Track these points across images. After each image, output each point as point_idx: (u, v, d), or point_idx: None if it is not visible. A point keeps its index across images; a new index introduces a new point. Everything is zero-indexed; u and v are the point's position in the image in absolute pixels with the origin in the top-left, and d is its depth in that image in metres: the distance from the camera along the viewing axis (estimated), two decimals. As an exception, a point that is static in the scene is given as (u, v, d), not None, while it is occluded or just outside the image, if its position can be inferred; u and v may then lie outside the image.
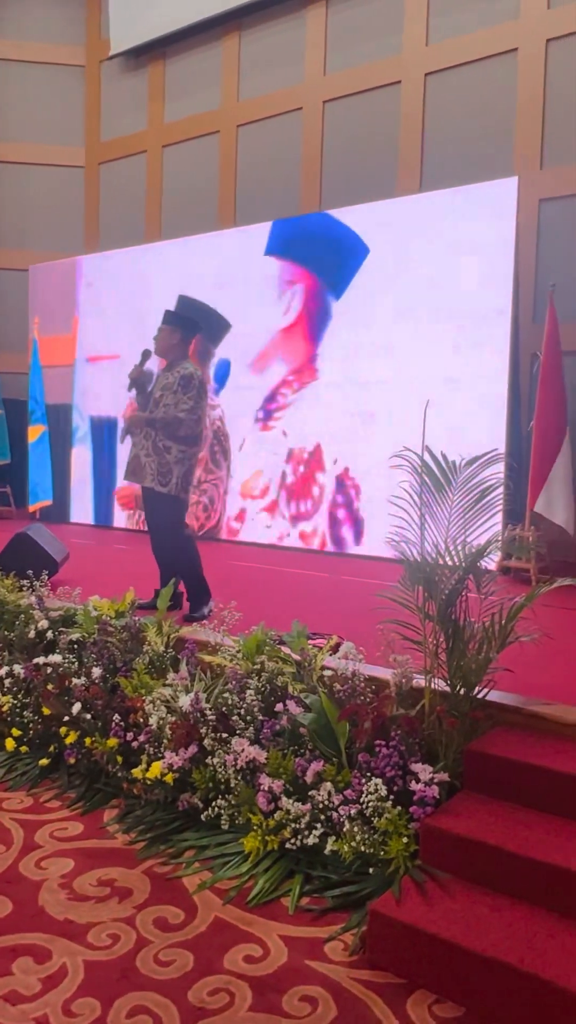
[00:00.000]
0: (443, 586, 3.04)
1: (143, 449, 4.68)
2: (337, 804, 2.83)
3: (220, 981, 2.31)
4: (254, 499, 8.10)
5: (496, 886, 2.51)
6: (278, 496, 7.93)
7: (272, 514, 7.98)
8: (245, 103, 9.20)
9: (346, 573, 6.38)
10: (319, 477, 7.67)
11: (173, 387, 4.64)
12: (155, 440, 4.63)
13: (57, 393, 9.82)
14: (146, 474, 4.66)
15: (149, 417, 4.65)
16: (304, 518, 7.74)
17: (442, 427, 6.57)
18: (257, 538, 8.04)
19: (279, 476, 7.93)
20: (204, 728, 3.22)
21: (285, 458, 7.90)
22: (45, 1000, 2.22)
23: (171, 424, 4.60)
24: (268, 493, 7.99)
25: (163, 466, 4.61)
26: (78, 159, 10.82)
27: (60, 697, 3.70)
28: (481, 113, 7.49)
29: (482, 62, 7.49)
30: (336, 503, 7.56)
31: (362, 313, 7.43)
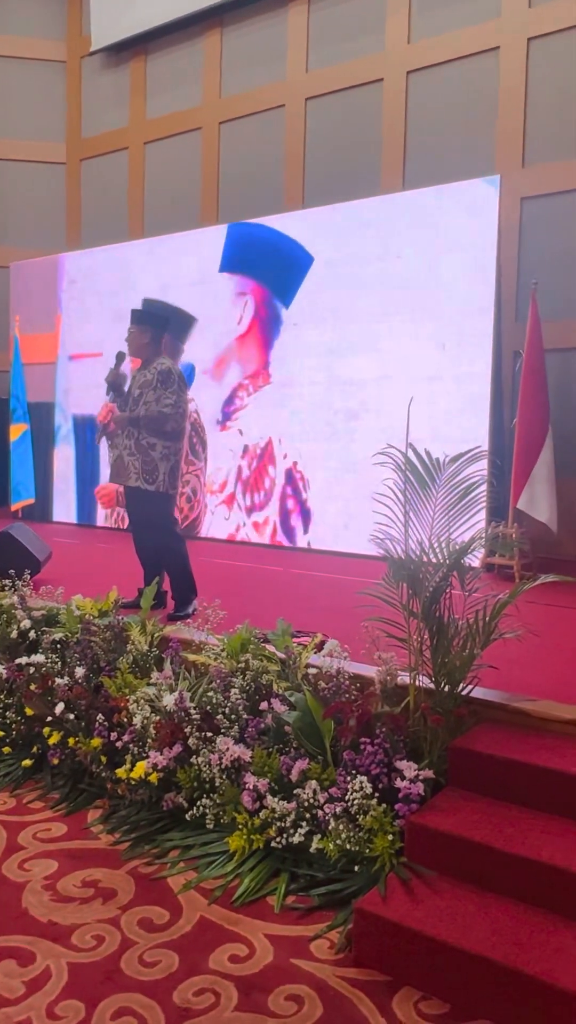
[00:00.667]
0: (427, 583, 3.04)
1: (126, 449, 4.64)
2: (322, 802, 2.83)
3: (206, 981, 2.30)
4: (213, 494, 8.32)
5: (482, 883, 2.51)
6: (235, 489, 8.18)
7: (229, 507, 8.22)
8: (227, 100, 9.17)
9: (329, 570, 6.37)
10: (270, 470, 7.95)
11: (152, 383, 4.61)
12: (138, 439, 4.60)
13: (39, 391, 9.75)
14: (130, 473, 4.63)
15: (132, 416, 4.62)
16: (258, 508, 7.99)
17: (425, 424, 6.60)
18: (218, 532, 8.25)
19: (235, 471, 8.17)
20: (189, 727, 3.21)
21: (241, 453, 8.13)
22: (29, 1003, 2.20)
23: (155, 420, 4.57)
24: (226, 487, 8.24)
25: (148, 464, 4.58)
26: (59, 155, 10.74)
27: (43, 697, 3.67)
28: (463, 111, 7.50)
29: (464, 60, 7.50)
30: (286, 493, 7.82)
31: (345, 311, 7.42)
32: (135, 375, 4.77)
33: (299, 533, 7.71)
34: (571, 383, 6.84)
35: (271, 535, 7.86)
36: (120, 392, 4.79)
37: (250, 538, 7.99)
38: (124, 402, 4.74)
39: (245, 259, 8.15)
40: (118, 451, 4.70)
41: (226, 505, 8.25)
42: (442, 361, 6.83)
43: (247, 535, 8.02)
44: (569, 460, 6.58)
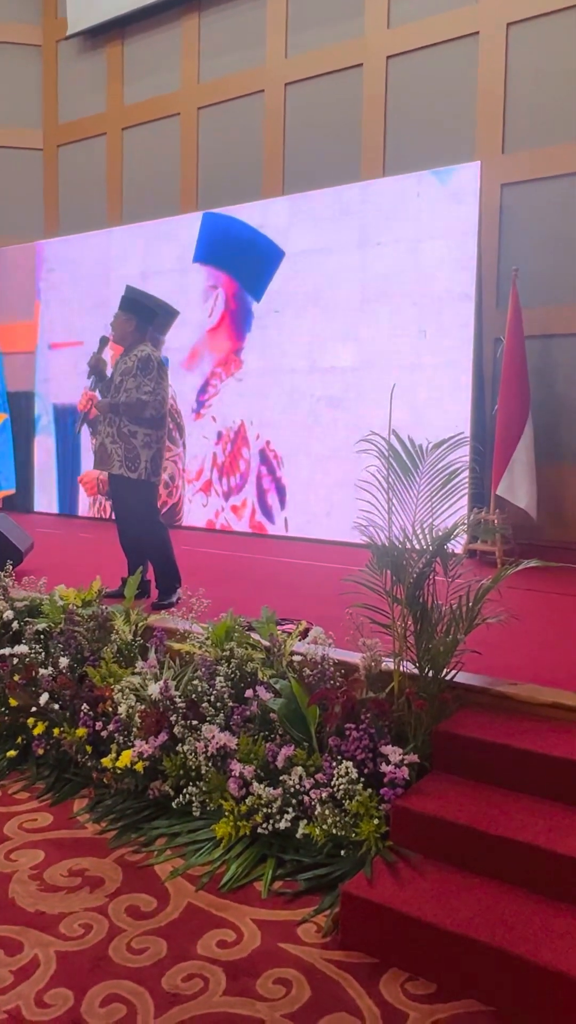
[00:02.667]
0: (411, 569, 3.06)
1: (108, 436, 4.62)
2: (308, 788, 2.84)
3: (194, 967, 2.31)
4: (191, 483, 8.37)
5: (466, 864, 2.54)
6: (211, 476, 8.23)
7: (207, 494, 8.26)
8: (206, 85, 9.09)
9: (313, 558, 6.39)
10: (244, 452, 8.02)
11: (132, 371, 4.58)
12: (119, 426, 4.58)
13: (19, 380, 9.66)
14: (113, 461, 4.60)
15: (113, 402, 4.59)
16: (235, 492, 8.04)
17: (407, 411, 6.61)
18: (197, 520, 8.28)
19: (211, 457, 8.22)
20: (174, 716, 3.21)
21: (215, 440, 8.17)
22: (18, 992, 2.20)
23: (135, 407, 4.55)
24: (202, 475, 8.28)
25: (130, 451, 4.56)
26: (36, 142, 10.61)
27: (27, 688, 3.66)
28: (443, 97, 7.48)
29: (443, 45, 7.47)
30: (261, 473, 7.87)
31: (324, 298, 7.41)
32: (117, 362, 4.74)
33: (276, 511, 7.76)
34: (551, 369, 6.87)
35: (250, 516, 7.90)
36: (101, 377, 4.75)
37: (230, 523, 8.01)
38: (106, 388, 4.71)
39: (218, 251, 8.17)
40: (100, 438, 4.68)
41: (203, 492, 8.29)
42: (423, 348, 6.84)
43: (226, 520, 8.05)
44: (549, 447, 6.62)
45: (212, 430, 8.19)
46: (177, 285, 8.33)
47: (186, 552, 5.70)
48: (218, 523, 8.11)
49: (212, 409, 8.20)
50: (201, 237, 8.28)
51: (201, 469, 8.29)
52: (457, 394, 6.64)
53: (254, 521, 7.88)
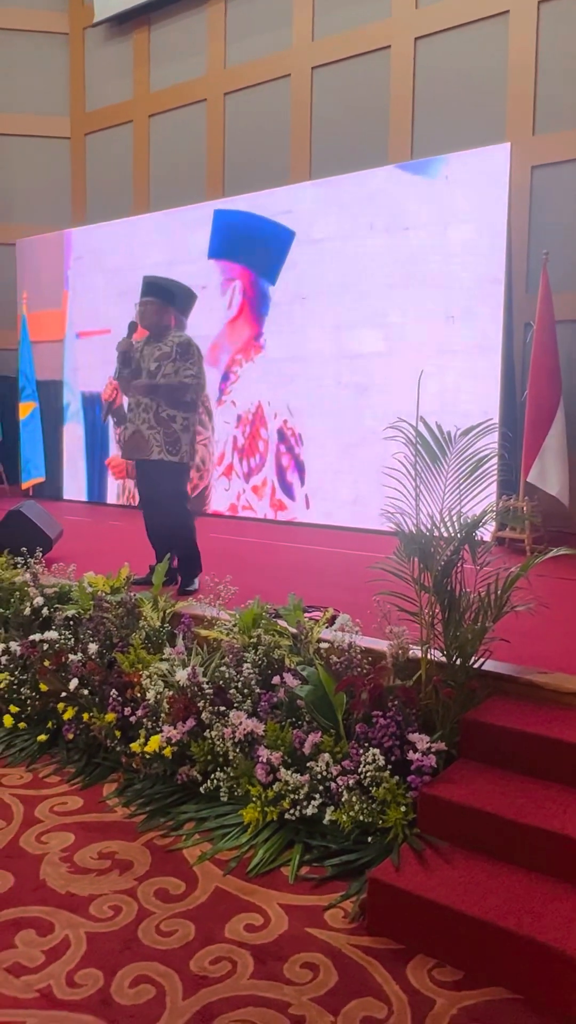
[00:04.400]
0: (439, 557, 3.04)
1: (144, 423, 4.56)
2: (335, 775, 2.85)
3: (222, 950, 2.33)
4: (214, 467, 8.43)
5: (494, 853, 2.53)
6: (232, 459, 8.27)
7: (228, 477, 8.31)
8: (232, 70, 9.04)
9: (339, 546, 6.38)
10: (263, 432, 8.04)
11: (171, 356, 4.57)
12: (157, 411, 4.54)
13: (47, 369, 9.74)
14: (152, 447, 4.55)
15: (153, 384, 4.54)
16: (255, 472, 8.07)
17: (436, 398, 6.56)
18: (219, 505, 8.33)
19: (231, 441, 8.27)
20: (202, 701, 3.23)
21: (235, 423, 8.21)
22: (49, 971, 2.24)
23: (177, 390, 4.55)
24: (224, 459, 8.34)
25: (170, 436, 4.56)
26: (63, 130, 10.63)
27: (57, 673, 3.70)
28: (472, 78, 7.37)
29: (473, 25, 7.35)
30: (280, 452, 7.89)
31: (351, 284, 7.36)
32: (145, 347, 4.68)
33: (296, 488, 7.79)
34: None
35: (270, 495, 7.94)
36: (129, 363, 4.68)
37: (251, 503, 8.05)
38: (133, 373, 4.66)
39: (230, 245, 8.21)
40: (134, 425, 4.61)
41: (225, 476, 8.34)
42: (452, 334, 6.78)
43: (248, 501, 8.11)
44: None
45: (232, 414, 8.24)
46: (204, 271, 8.31)
47: (213, 540, 5.72)
48: (240, 505, 8.15)
49: (232, 395, 8.25)
50: (214, 233, 8.30)
51: (223, 453, 8.34)
52: (486, 380, 6.58)
53: (274, 499, 7.92)
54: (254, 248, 8.02)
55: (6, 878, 2.69)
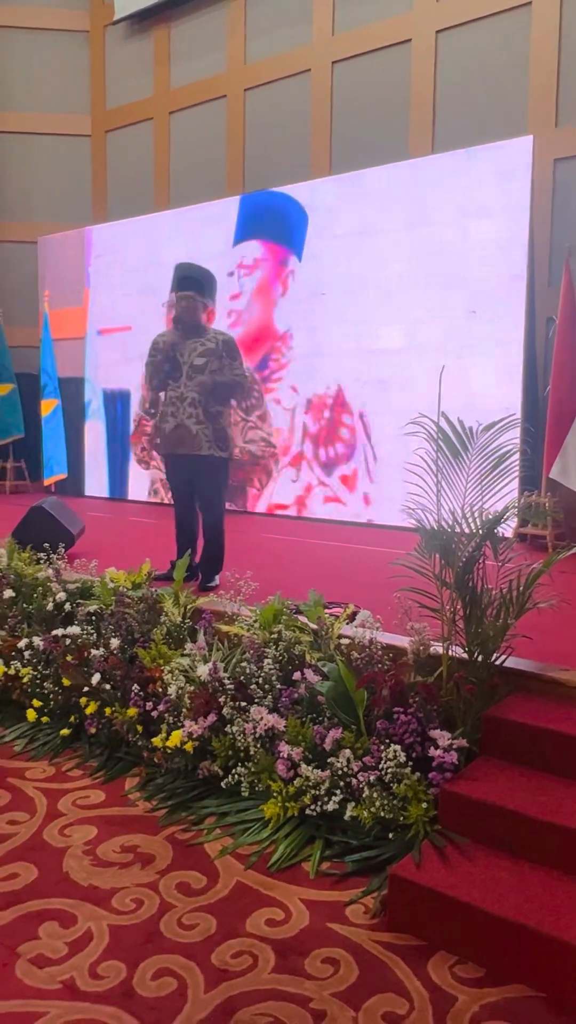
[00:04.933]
0: (460, 553, 3.03)
1: (191, 418, 4.52)
2: (356, 771, 2.85)
3: (243, 944, 2.34)
4: (275, 458, 8.18)
5: (515, 850, 2.52)
6: (302, 447, 7.97)
7: (296, 467, 8.02)
8: (252, 66, 9.03)
9: (359, 542, 6.37)
10: (346, 420, 7.68)
11: (218, 352, 4.56)
12: (206, 407, 4.54)
13: (69, 366, 9.79)
14: (201, 442, 4.53)
15: (202, 380, 4.51)
16: (342, 461, 7.69)
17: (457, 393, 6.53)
18: (285, 498, 8.09)
19: (300, 428, 7.97)
20: (223, 697, 3.24)
21: (305, 409, 7.93)
22: (72, 963, 2.26)
23: (229, 388, 4.61)
24: (291, 448, 8.07)
25: (219, 431, 4.58)
26: (84, 127, 10.68)
27: (79, 668, 3.73)
28: (494, 70, 7.31)
29: (494, 17, 7.29)
30: (360, 440, 7.60)
31: (373, 279, 7.33)
32: (186, 343, 4.57)
33: (365, 482, 7.55)
34: (606, 349, 6.70)
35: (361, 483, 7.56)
36: (171, 358, 4.59)
37: (341, 496, 7.67)
38: (176, 369, 4.58)
39: (258, 224, 8.14)
40: (178, 419, 4.54)
41: (292, 467, 8.05)
42: (473, 329, 6.74)
43: (334, 492, 7.73)
44: (603, 428, 6.47)
45: (292, 400, 7.95)
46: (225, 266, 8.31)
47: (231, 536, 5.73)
48: (312, 498, 7.84)
49: (288, 379, 8.02)
50: (240, 218, 8.26)
51: (288, 444, 8.04)
52: (508, 375, 6.54)
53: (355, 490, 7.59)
54: (278, 223, 7.93)
55: (30, 870, 2.71)
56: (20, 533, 5.31)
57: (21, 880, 2.66)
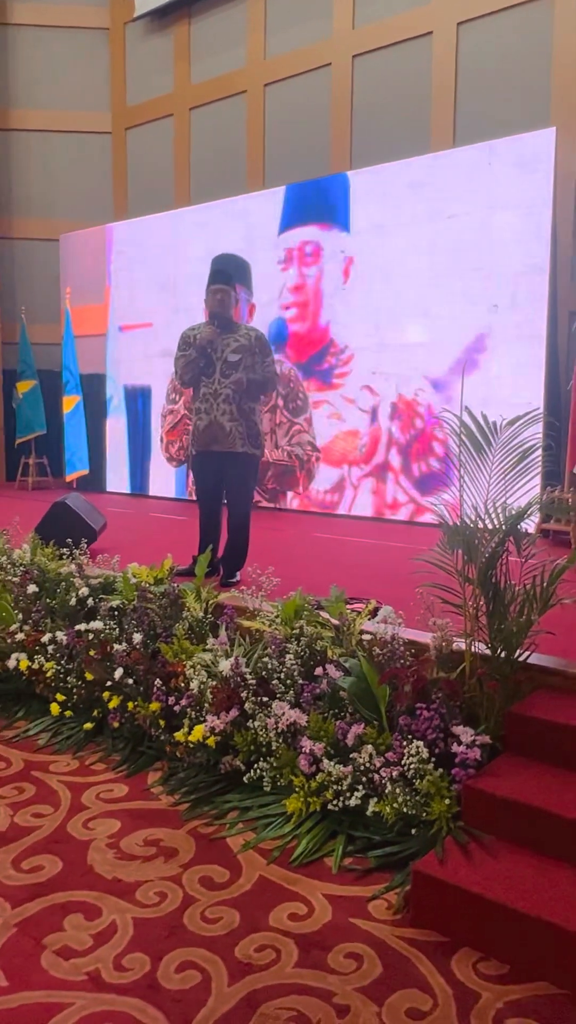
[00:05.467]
0: (483, 549, 3.01)
1: (225, 415, 4.49)
2: (378, 766, 2.84)
3: (266, 938, 2.35)
4: (356, 464, 7.70)
5: (540, 847, 2.51)
6: (387, 457, 7.46)
7: (380, 478, 7.50)
8: (272, 61, 9.01)
9: (378, 538, 6.35)
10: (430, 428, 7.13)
11: (251, 348, 4.55)
12: (240, 403, 4.52)
13: (91, 363, 9.85)
14: (235, 439, 4.52)
15: (238, 376, 4.49)
16: (438, 477, 6.88)
17: (480, 388, 6.49)
18: (362, 510, 7.59)
19: (384, 434, 7.47)
20: (245, 692, 3.25)
21: (390, 414, 7.44)
22: (97, 955, 2.28)
23: (263, 385, 4.62)
24: (375, 456, 7.52)
25: (252, 428, 4.57)
26: (104, 125, 10.72)
27: (102, 663, 3.75)
28: (516, 62, 7.25)
29: (515, 9, 7.23)
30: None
31: (396, 273, 7.30)
32: (219, 338, 4.52)
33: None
34: (630, 343, 6.64)
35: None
36: (205, 353, 4.54)
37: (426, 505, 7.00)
38: (209, 365, 4.53)
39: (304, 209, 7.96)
40: (211, 416, 4.50)
41: (374, 477, 7.52)
42: (496, 323, 6.69)
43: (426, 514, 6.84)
44: (628, 422, 6.40)
45: (369, 401, 7.54)
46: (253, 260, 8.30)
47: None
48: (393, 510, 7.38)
49: (356, 377, 7.64)
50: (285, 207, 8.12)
51: (374, 450, 7.49)
52: (531, 369, 6.49)
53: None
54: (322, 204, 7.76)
55: (55, 863, 2.74)
56: (43, 529, 5.35)
57: (46, 872, 2.68)
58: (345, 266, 7.67)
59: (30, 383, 10.15)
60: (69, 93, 10.69)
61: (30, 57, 10.65)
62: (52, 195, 10.84)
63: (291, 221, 8.05)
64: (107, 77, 10.65)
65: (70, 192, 10.81)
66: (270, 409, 8.15)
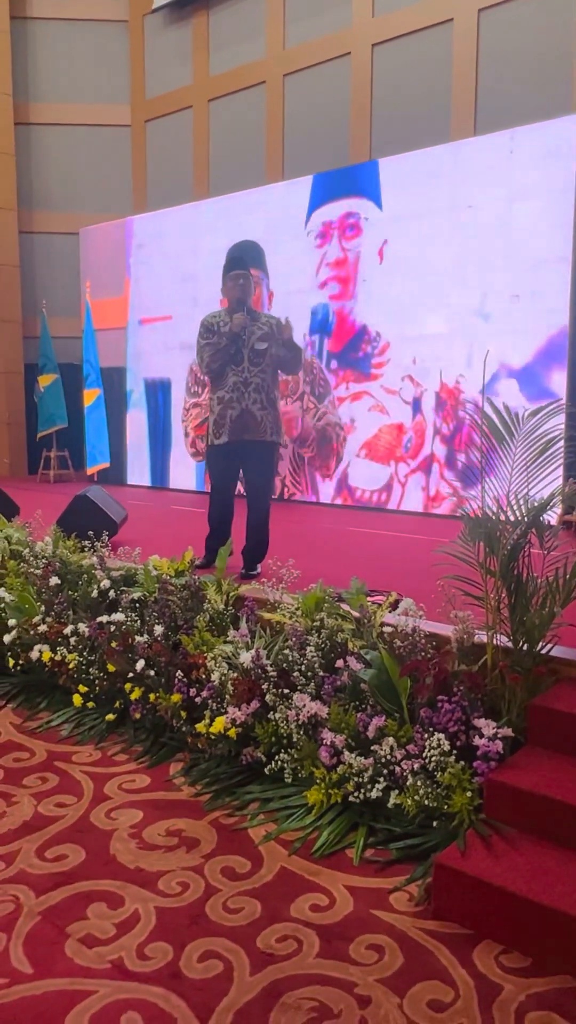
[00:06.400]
0: (505, 541, 2.99)
1: (256, 403, 4.47)
2: (399, 759, 2.84)
3: (288, 928, 2.36)
4: (401, 461, 7.42)
5: (562, 840, 2.49)
6: (432, 451, 7.13)
7: (425, 472, 7.22)
8: (291, 51, 8.97)
9: (397, 529, 6.33)
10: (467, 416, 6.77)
11: (274, 336, 4.55)
12: (268, 392, 4.53)
13: (111, 356, 9.88)
14: (266, 428, 4.51)
15: (265, 365, 4.50)
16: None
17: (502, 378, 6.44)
18: (412, 506, 7.32)
19: (430, 428, 7.17)
20: (266, 684, 3.26)
21: (434, 406, 7.17)
22: (120, 944, 2.30)
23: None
24: (422, 451, 7.24)
25: (278, 417, 4.60)
26: (124, 118, 10.73)
27: (124, 654, 3.77)
28: (537, 48, 7.16)
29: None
30: None
31: (415, 262, 7.25)
32: (247, 326, 4.48)
33: None
34: None
35: None
36: (238, 344, 4.49)
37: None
38: (237, 353, 4.49)
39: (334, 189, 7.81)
40: (242, 405, 4.46)
41: (423, 472, 7.25)
42: (517, 313, 6.63)
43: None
44: None
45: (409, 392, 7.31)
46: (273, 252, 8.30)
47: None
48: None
49: (397, 367, 7.41)
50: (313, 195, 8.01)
51: (420, 443, 7.21)
52: (555, 359, 6.42)
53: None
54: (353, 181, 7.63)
55: (78, 852, 2.76)
56: (65, 521, 5.39)
57: (70, 861, 2.71)
58: (380, 247, 7.54)
59: (51, 377, 10.21)
60: (88, 86, 10.71)
61: (49, 51, 10.68)
62: (72, 189, 10.88)
63: (321, 204, 7.92)
64: (126, 70, 10.65)
65: (90, 185, 10.84)
66: (298, 397, 8.10)
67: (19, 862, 2.71)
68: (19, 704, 4.10)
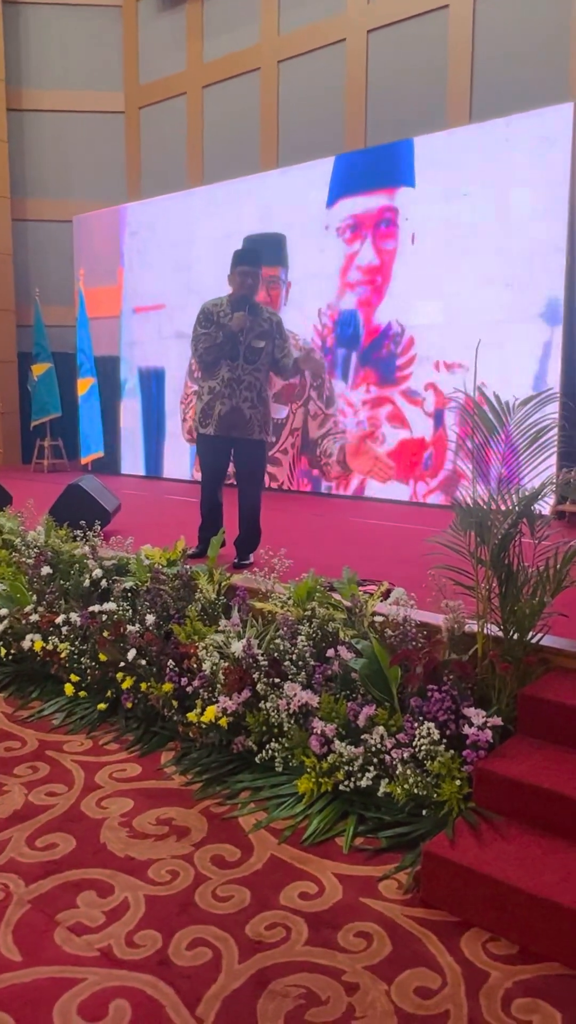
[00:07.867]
0: (496, 531, 2.99)
1: (246, 401, 4.48)
2: (390, 747, 2.85)
3: (277, 916, 2.37)
4: (419, 480, 7.12)
5: (550, 829, 2.51)
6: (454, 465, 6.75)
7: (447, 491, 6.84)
8: (286, 37, 8.89)
9: (391, 519, 6.33)
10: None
11: (272, 335, 4.54)
12: (260, 391, 4.53)
13: (104, 345, 9.83)
14: (254, 427, 4.53)
15: (261, 363, 4.49)
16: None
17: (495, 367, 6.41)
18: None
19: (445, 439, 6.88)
20: (257, 673, 3.26)
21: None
22: (109, 931, 2.31)
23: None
24: (441, 467, 6.93)
25: (267, 416, 4.59)
26: (117, 104, 10.64)
27: (116, 644, 3.77)
28: (533, 35, 7.11)
29: (535, -21, 7.08)
30: None
31: (408, 251, 7.22)
32: (241, 327, 4.42)
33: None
34: None
35: None
36: (234, 340, 4.46)
37: None
38: (233, 349, 4.45)
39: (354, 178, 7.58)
40: (233, 402, 4.47)
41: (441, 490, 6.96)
42: (511, 302, 6.61)
43: None
44: None
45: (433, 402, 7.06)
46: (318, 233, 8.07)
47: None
48: None
49: (425, 370, 7.18)
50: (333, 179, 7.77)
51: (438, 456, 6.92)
52: (548, 349, 6.41)
53: None
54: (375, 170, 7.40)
55: (68, 841, 2.77)
56: (57, 511, 5.37)
57: (60, 850, 2.71)
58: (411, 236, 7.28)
59: (45, 365, 10.15)
60: (81, 73, 10.61)
61: (42, 36, 10.57)
62: (65, 176, 10.80)
63: (341, 193, 7.69)
64: (119, 56, 10.55)
65: (83, 173, 10.76)
66: (304, 403, 8.07)
67: (9, 850, 2.71)
68: (11, 693, 4.10)
